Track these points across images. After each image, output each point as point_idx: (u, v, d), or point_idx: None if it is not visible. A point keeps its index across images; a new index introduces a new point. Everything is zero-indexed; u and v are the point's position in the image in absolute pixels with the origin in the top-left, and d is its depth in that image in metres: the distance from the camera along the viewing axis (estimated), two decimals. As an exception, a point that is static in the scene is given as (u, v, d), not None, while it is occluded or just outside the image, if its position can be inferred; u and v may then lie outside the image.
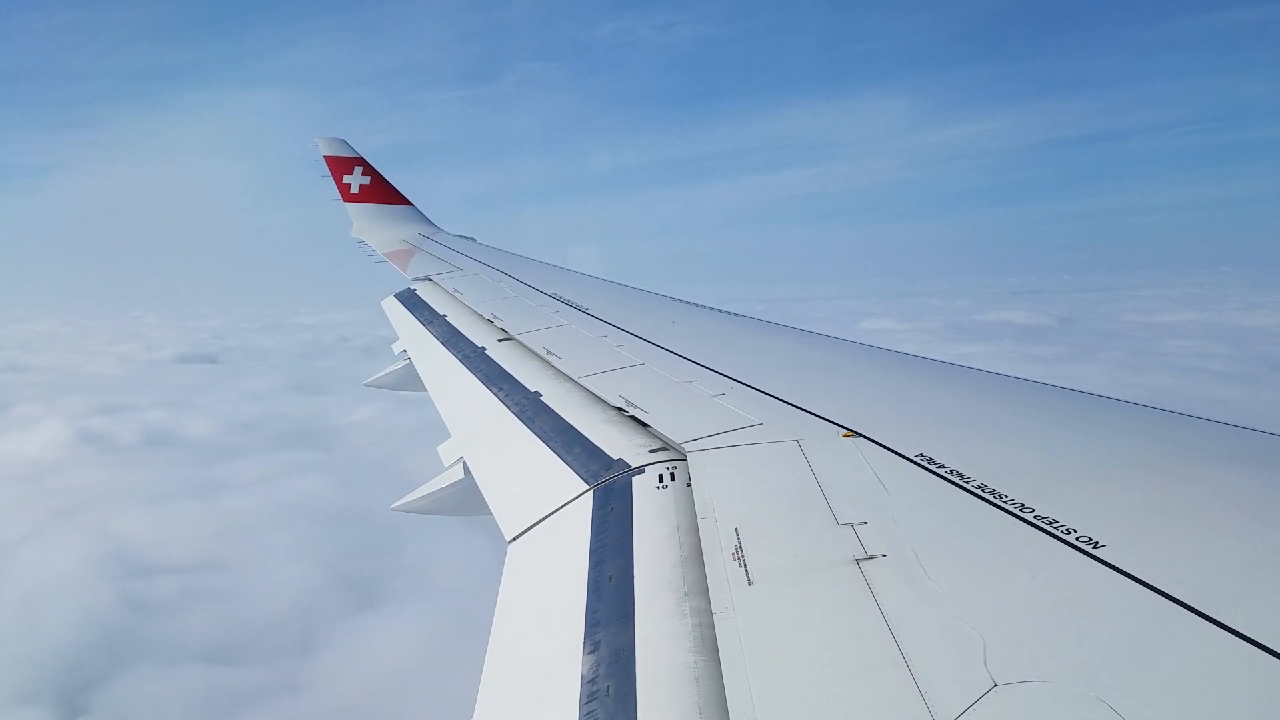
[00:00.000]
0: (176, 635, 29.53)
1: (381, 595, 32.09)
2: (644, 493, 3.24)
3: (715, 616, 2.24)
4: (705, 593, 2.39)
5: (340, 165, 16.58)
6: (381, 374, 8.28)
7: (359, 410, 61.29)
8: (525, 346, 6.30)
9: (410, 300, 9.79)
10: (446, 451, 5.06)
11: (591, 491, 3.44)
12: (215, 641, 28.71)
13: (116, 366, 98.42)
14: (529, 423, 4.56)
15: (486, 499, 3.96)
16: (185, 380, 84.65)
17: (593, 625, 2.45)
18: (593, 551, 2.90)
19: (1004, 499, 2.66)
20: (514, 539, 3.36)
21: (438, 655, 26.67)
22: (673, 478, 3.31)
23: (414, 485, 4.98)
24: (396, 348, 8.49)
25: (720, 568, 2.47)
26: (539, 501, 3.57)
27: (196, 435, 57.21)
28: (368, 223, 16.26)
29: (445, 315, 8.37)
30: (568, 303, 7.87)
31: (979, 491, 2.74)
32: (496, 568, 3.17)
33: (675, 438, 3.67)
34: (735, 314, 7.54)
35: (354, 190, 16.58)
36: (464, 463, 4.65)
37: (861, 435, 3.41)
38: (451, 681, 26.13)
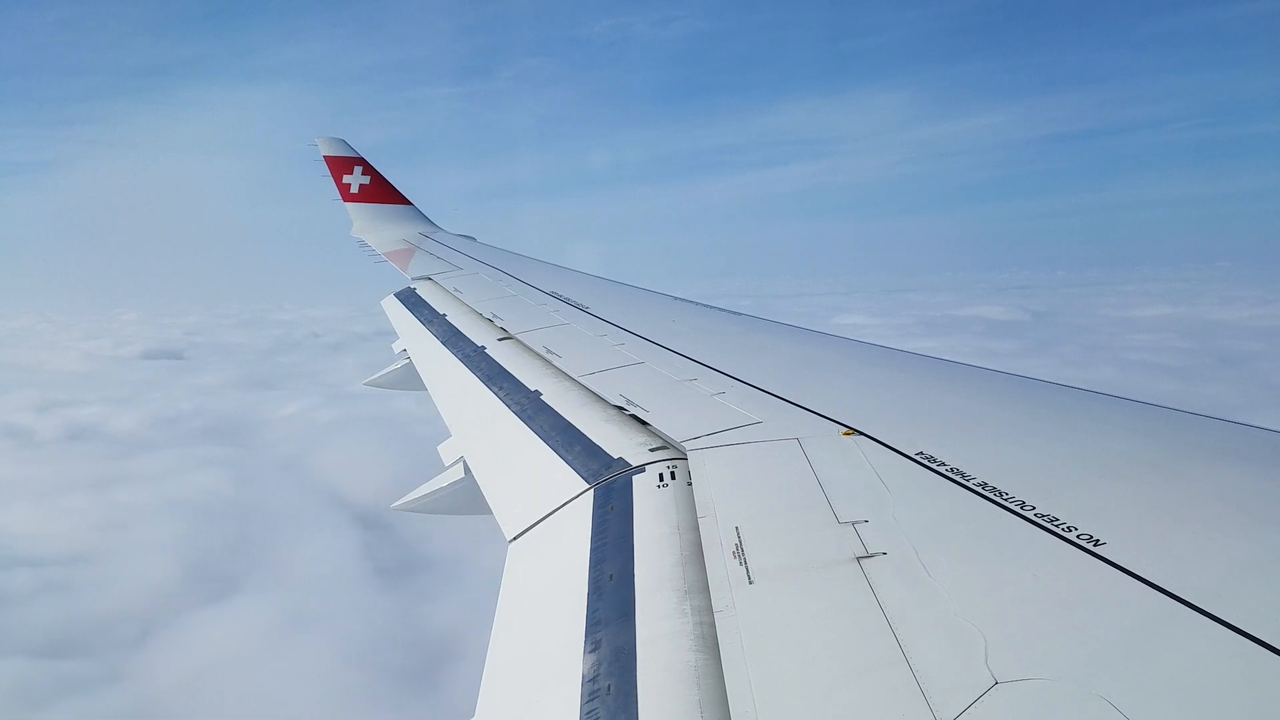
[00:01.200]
0: (10, 628, 29.83)
1: (234, 590, 32.40)
2: (644, 491, 3.24)
3: (716, 615, 2.24)
4: (706, 591, 2.39)
5: (340, 165, 16.58)
6: (382, 373, 8.29)
7: (289, 406, 63.21)
8: (525, 345, 6.30)
9: (410, 299, 9.79)
10: (447, 450, 5.06)
11: (592, 490, 3.44)
12: (52, 634, 28.95)
13: (80, 362, 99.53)
14: (529, 422, 4.56)
15: (487, 498, 3.96)
16: (142, 376, 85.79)
17: (593, 624, 2.45)
18: (593, 550, 2.90)
19: (1004, 497, 2.66)
20: (514, 538, 3.36)
21: (270, 650, 27.41)
22: (673, 476, 3.31)
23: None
24: (397, 347, 8.50)
25: (721, 566, 2.47)
26: (539, 500, 3.57)
27: (119, 430, 57.78)
28: (368, 222, 16.26)
29: (445, 314, 8.37)
30: (567, 301, 7.87)
31: (979, 489, 2.74)
32: (497, 567, 3.17)
33: (675, 436, 3.67)
34: (735, 312, 7.54)
35: (354, 190, 16.58)
36: (464, 462, 4.66)
37: (862, 433, 3.41)
38: (270, 675, 26.08)
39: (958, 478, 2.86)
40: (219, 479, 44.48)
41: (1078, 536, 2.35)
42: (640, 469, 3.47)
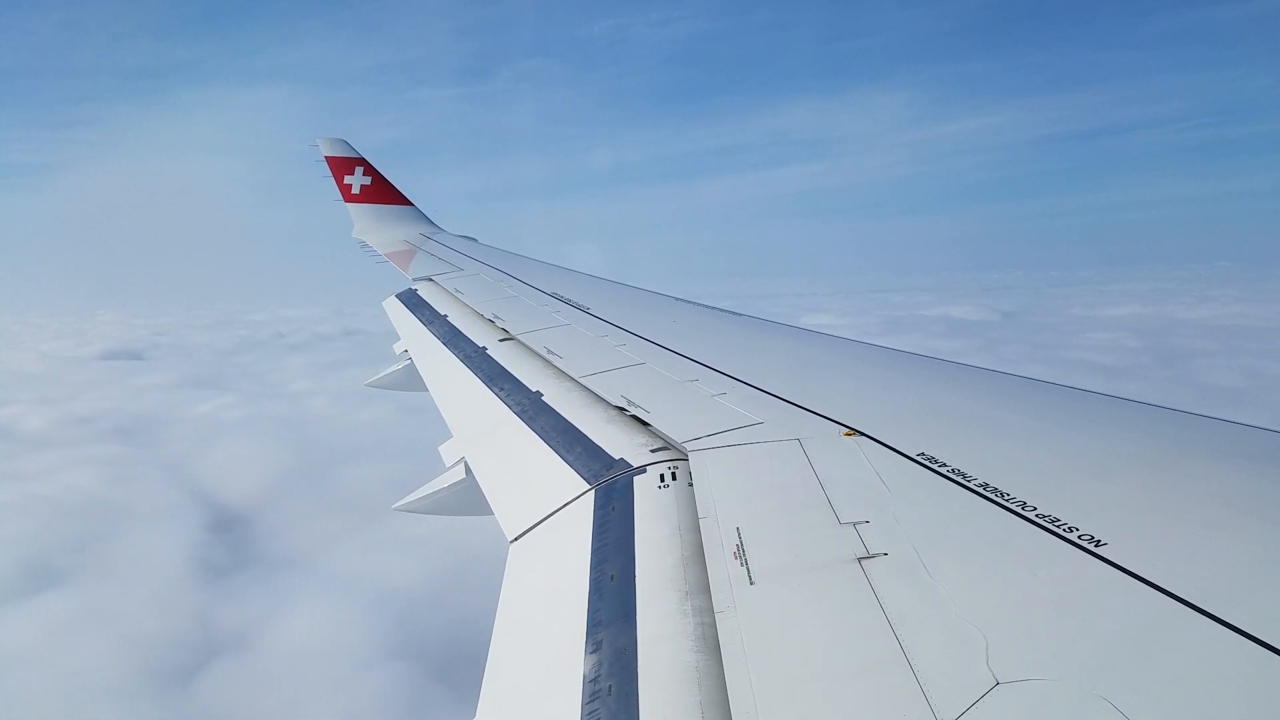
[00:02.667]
0: None
1: (49, 585, 32.64)
2: (645, 492, 3.24)
3: (717, 615, 2.24)
4: (707, 592, 2.39)
5: (341, 166, 16.58)
6: (383, 374, 8.28)
7: (205, 405, 64.75)
8: (526, 346, 6.31)
9: (411, 300, 9.80)
10: (448, 451, 5.06)
11: (593, 491, 3.44)
12: None
13: (34, 363, 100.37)
14: (530, 422, 4.56)
15: (488, 499, 3.96)
16: (90, 376, 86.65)
17: (594, 625, 2.45)
18: (594, 551, 2.90)
19: (1005, 497, 2.66)
20: (516, 539, 3.36)
21: (51, 646, 27.87)
22: (674, 477, 3.31)
23: (410, 485, 4.97)
24: (398, 348, 8.50)
25: (722, 567, 2.47)
26: (540, 501, 3.57)
27: (27, 429, 58.39)
28: (369, 223, 16.26)
29: (446, 315, 8.38)
30: (569, 302, 7.87)
31: (980, 490, 2.74)
32: (498, 567, 3.17)
33: (676, 437, 3.67)
34: (736, 313, 7.54)
35: (355, 191, 16.58)
36: (465, 463, 4.66)
37: (863, 434, 3.41)
38: (43, 671, 26.43)
39: (959, 478, 2.85)
40: (92, 478, 45.03)
41: (1079, 537, 2.35)
42: (641, 470, 3.47)
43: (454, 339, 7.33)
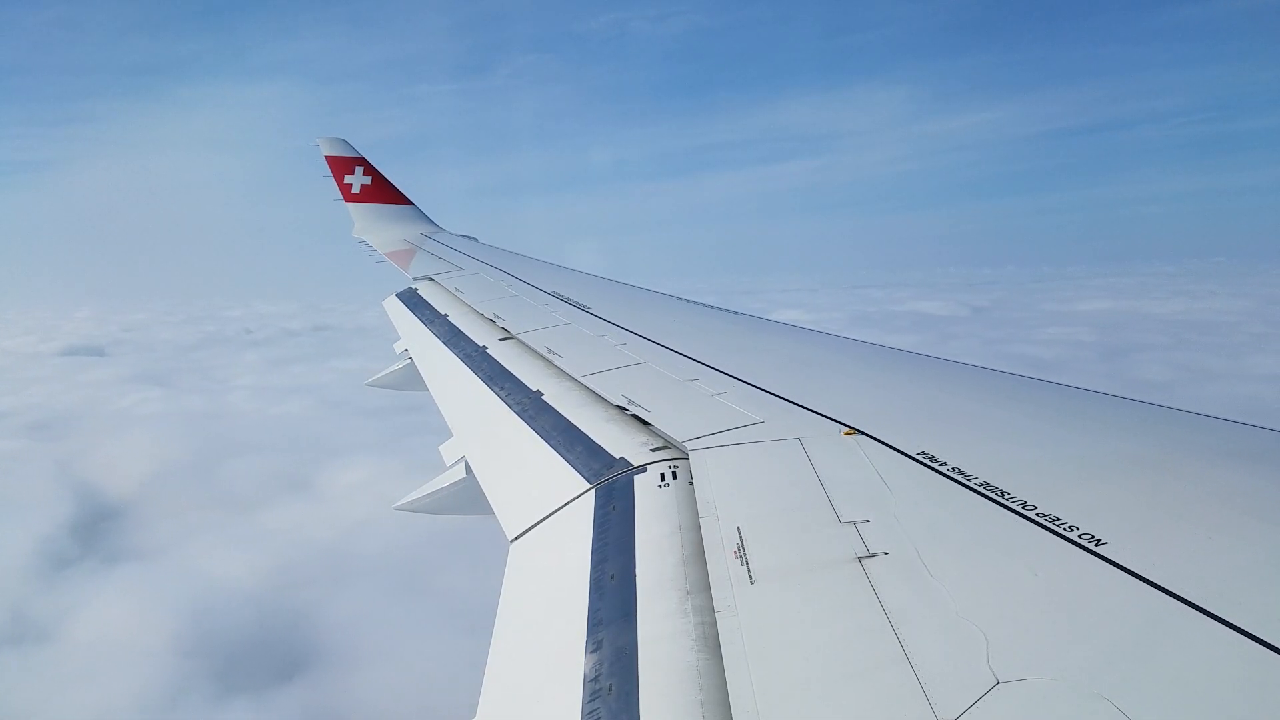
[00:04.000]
0: None
1: None
2: (646, 491, 3.24)
3: (717, 615, 2.24)
4: (707, 591, 2.39)
5: (341, 165, 16.58)
6: (383, 373, 8.29)
7: (126, 399, 66.52)
8: (527, 345, 6.31)
9: (412, 300, 9.80)
10: (448, 451, 5.06)
11: (593, 490, 3.44)
12: None
13: None
14: (531, 422, 4.56)
15: (489, 498, 3.96)
16: (41, 373, 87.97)
17: (595, 624, 2.45)
18: (595, 550, 2.90)
19: (1006, 496, 2.66)
20: (516, 538, 3.36)
21: None
22: (674, 476, 3.31)
23: (414, 485, 4.98)
24: (398, 347, 8.50)
25: (722, 566, 2.47)
26: (541, 500, 3.57)
27: None
28: (369, 223, 16.26)
29: (447, 314, 8.38)
30: (569, 301, 7.87)
31: (981, 489, 2.74)
32: (499, 567, 3.17)
33: (677, 436, 3.67)
34: (737, 312, 7.54)
35: (355, 190, 16.58)
36: (466, 462, 4.66)
37: (863, 433, 3.41)
38: None
39: (959, 477, 2.85)
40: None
41: (1079, 536, 2.35)
42: (642, 469, 3.47)
43: (454, 338, 7.33)
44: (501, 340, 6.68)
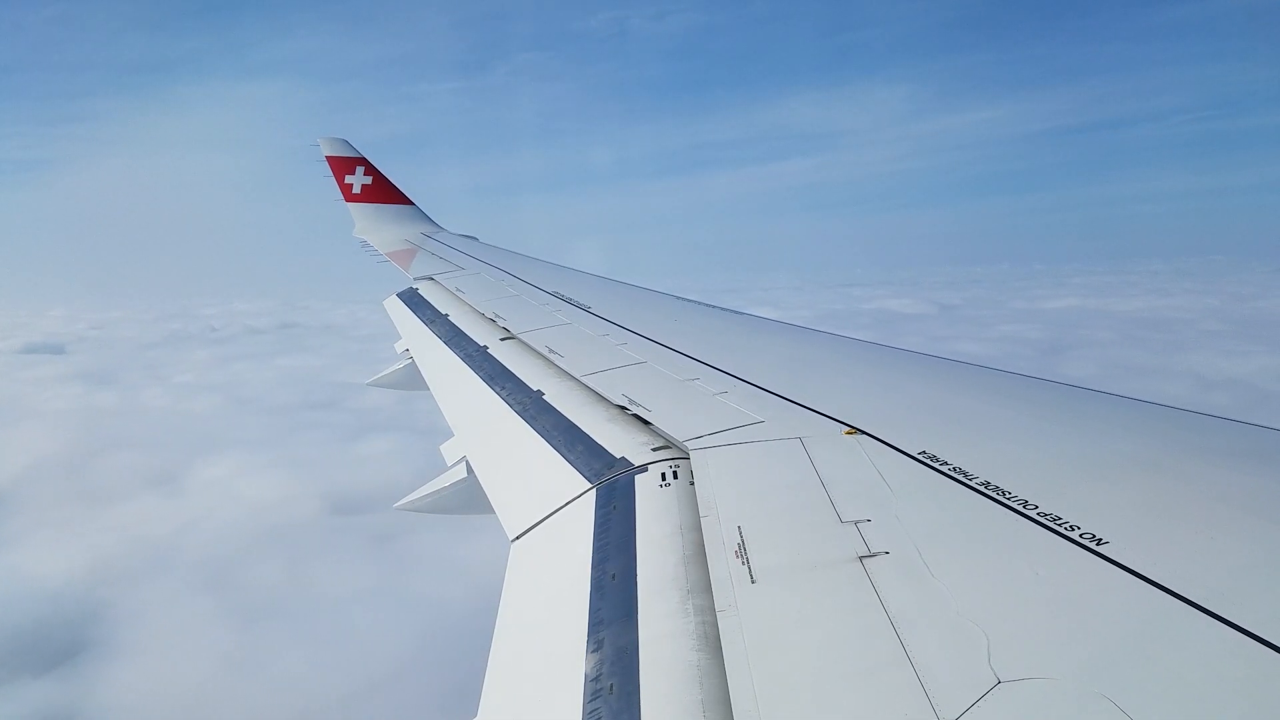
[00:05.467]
0: None
1: None
2: (646, 491, 3.24)
3: (718, 614, 2.24)
4: (708, 591, 2.39)
5: (342, 165, 16.58)
6: (384, 373, 8.29)
7: (60, 400, 66.87)
8: (528, 345, 6.31)
9: (412, 299, 9.80)
10: (449, 450, 5.06)
11: (594, 490, 3.44)
12: None
13: None
14: (531, 421, 4.56)
15: (489, 498, 3.96)
16: None
17: (596, 624, 2.45)
18: (596, 550, 2.90)
19: (1007, 496, 2.66)
20: (517, 538, 3.36)
21: None
22: (675, 476, 3.31)
23: (409, 485, 4.98)
24: (399, 347, 8.50)
25: (723, 566, 2.47)
26: (542, 500, 3.57)
27: None
28: (370, 222, 16.27)
29: (447, 314, 8.38)
30: (570, 301, 7.87)
31: (982, 489, 2.74)
32: (499, 567, 3.17)
33: (678, 436, 3.67)
34: (737, 312, 7.54)
35: (356, 190, 16.58)
36: (466, 462, 4.66)
37: (864, 433, 3.41)
38: None
39: (960, 477, 2.85)
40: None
41: (1080, 536, 2.35)
42: (643, 468, 3.47)
43: (455, 338, 7.33)
44: (502, 340, 6.68)
